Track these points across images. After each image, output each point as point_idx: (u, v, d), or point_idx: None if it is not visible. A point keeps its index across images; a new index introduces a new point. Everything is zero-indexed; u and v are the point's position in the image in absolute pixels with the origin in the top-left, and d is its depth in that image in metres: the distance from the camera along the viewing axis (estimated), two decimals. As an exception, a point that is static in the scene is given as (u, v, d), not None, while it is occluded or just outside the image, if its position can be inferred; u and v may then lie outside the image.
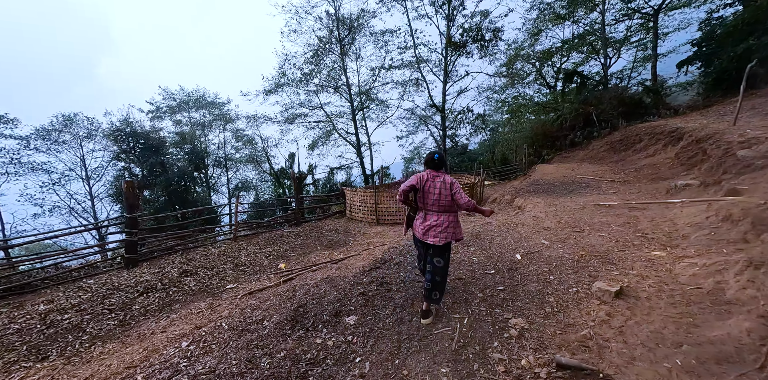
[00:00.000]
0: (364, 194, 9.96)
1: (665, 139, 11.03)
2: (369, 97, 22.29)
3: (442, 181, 2.65)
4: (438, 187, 2.64)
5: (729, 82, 16.04)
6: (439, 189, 2.64)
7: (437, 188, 2.64)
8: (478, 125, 21.95)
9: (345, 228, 9.36)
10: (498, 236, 4.99)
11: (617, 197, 6.93)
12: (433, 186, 2.66)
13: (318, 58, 19.20)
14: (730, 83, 16.00)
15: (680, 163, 8.52)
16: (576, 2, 18.85)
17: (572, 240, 4.42)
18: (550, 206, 6.73)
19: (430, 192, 2.66)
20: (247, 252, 7.03)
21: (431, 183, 2.66)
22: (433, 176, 2.68)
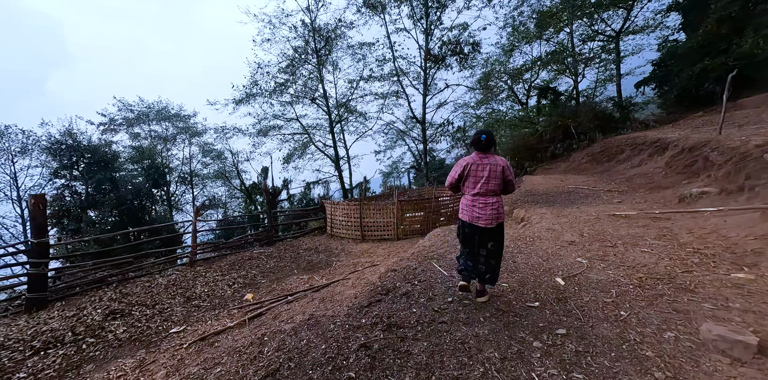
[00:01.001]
0: (347, 207, 8.88)
1: (649, 149, 11.07)
2: (347, 109, 21.63)
3: (492, 163, 2.53)
4: (487, 169, 2.53)
5: (690, 99, 17.01)
6: (488, 171, 2.53)
7: (486, 171, 2.53)
8: (459, 137, 21.77)
9: (326, 247, 8.15)
10: (519, 253, 4.10)
11: (628, 206, 6.38)
12: (482, 168, 2.55)
13: (293, 68, 18.39)
14: (690, 100, 16.96)
15: (675, 171, 8.30)
16: (544, 24, 19.72)
17: (613, 258, 3.60)
18: (559, 217, 6.02)
19: (478, 176, 2.56)
20: (206, 281, 5.63)
21: (479, 166, 2.56)
22: (481, 158, 2.57)
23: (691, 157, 8.10)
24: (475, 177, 2.58)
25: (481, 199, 2.58)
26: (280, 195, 20.14)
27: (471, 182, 2.61)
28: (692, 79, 16.91)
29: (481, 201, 2.58)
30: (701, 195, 5.71)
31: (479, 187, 2.56)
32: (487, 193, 2.56)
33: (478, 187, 2.57)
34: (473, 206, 2.61)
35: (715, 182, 5.99)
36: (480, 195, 2.58)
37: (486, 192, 2.56)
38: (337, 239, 8.99)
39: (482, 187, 2.55)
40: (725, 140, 7.39)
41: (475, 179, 2.58)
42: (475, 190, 2.59)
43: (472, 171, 2.59)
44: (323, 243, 8.48)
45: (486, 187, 2.55)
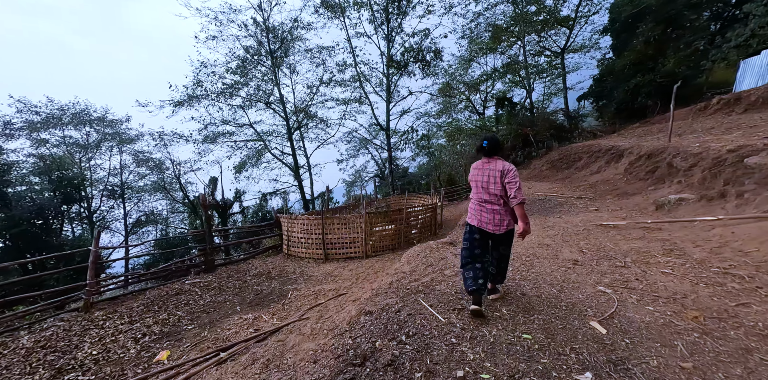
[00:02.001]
0: (307, 222, 7.59)
1: (605, 156, 11.41)
2: (307, 115, 20.28)
3: (493, 168, 2.45)
4: (487, 175, 2.47)
5: (627, 112, 18.48)
6: (488, 177, 2.47)
7: (486, 176, 2.48)
8: (423, 145, 21.47)
9: (281, 270, 6.76)
10: (523, 280, 3.27)
11: (609, 215, 6.02)
12: (483, 173, 2.50)
13: (245, 70, 16.70)
14: (628, 112, 18.42)
15: (637, 177, 8.38)
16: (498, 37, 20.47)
17: (638, 284, 2.91)
18: (545, 229, 5.42)
19: (479, 181, 2.54)
20: (101, 335, 4.01)
21: (481, 171, 2.53)
22: (483, 163, 2.53)
23: (652, 164, 8.25)
24: (477, 182, 2.56)
25: (488, 205, 2.52)
26: (231, 208, 17.94)
27: (475, 187, 2.61)
28: (628, 94, 18.41)
29: (487, 207, 2.52)
30: (680, 203, 5.50)
31: (482, 192, 2.53)
32: (491, 199, 2.49)
33: (481, 192, 2.54)
34: (481, 211, 2.56)
35: (689, 188, 5.87)
36: (486, 202, 2.53)
37: (490, 198, 2.49)
38: (295, 260, 7.62)
39: (485, 191, 2.52)
40: (682, 147, 7.57)
41: (477, 184, 2.56)
42: (480, 194, 2.56)
43: (475, 176, 2.57)
44: (278, 266, 7.07)
45: (487, 191, 2.49)
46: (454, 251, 4.78)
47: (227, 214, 17.26)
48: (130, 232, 17.87)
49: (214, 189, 18.11)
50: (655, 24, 18.19)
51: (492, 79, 22.40)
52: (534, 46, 22.16)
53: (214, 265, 6.71)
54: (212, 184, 18.23)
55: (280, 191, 20.42)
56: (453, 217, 11.46)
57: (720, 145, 6.34)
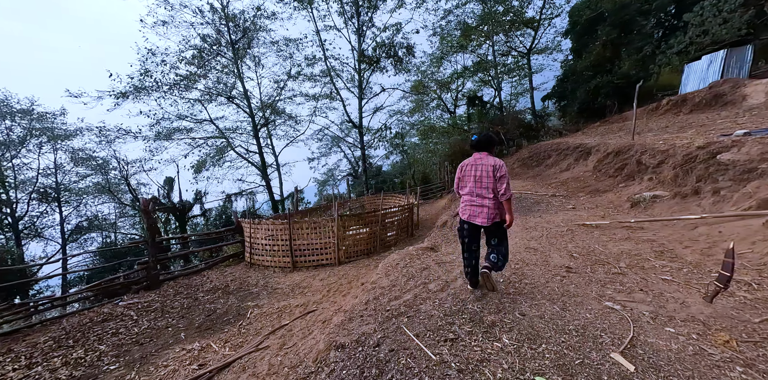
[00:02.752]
0: (272, 227, 6.78)
1: (573, 153, 11.64)
2: (274, 111, 19.01)
3: (485, 163, 2.55)
4: (480, 169, 2.56)
5: (588, 111, 19.29)
6: (480, 172, 2.56)
7: (479, 171, 2.57)
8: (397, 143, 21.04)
9: (241, 283, 5.93)
10: (519, 295, 2.84)
11: (587, 214, 5.87)
12: (476, 168, 2.59)
13: (203, 61, 15.16)
14: (589, 112, 19.23)
15: (606, 174, 8.49)
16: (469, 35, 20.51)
17: (645, 297, 2.58)
18: (528, 230, 5.12)
19: (471, 175, 2.61)
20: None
21: (473, 166, 2.61)
22: (476, 159, 2.62)
23: (620, 161, 8.39)
24: (469, 176, 2.63)
25: (477, 199, 2.60)
26: (191, 211, 16.33)
27: (467, 181, 2.67)
28: (588, 94, 19.21)
29: (477, 201, 2.60)
30: (655, 200, 5.45)
31: (474, 185, 2.61)
32: (483, 193, 2.56)
33: (472, 185, 2.61)
34: (471, 205, 2.65)
35: (662, 185, 5.88)
36: (478, 195, 2.59)
37: (482, 192, 2.56)
38: (258, 269, 6.78)
39: (477, 185, 2.59)
40: (648, 144, 7.73)
41: (469, 178, 2.63)
42: (471, 188, 2.63)
43: (467, 171, 2.65)
44: (238, 278, 6.21)
45: (480, 185, 2.57)
46: (437, 258, 4.30)
47: (186, 218, 15.67)
48: (68, 240, 15.64)
49: (170, 190, 16.35)
50: (611, 28, 19.09)
51: (463, 77, 22.47)
52: (502, 46, 22.52)
53: (158, 281, 5.69)
54: (168, 185, 16.45)
55: (247, 192, 19.02)
56: (429, 217, 11.12)
57: (685, 142, 6.46)
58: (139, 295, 5.29)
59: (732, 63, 13.61)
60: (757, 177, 3.99)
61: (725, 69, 13.60)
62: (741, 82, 11.68)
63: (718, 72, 13.75)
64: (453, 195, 12.48)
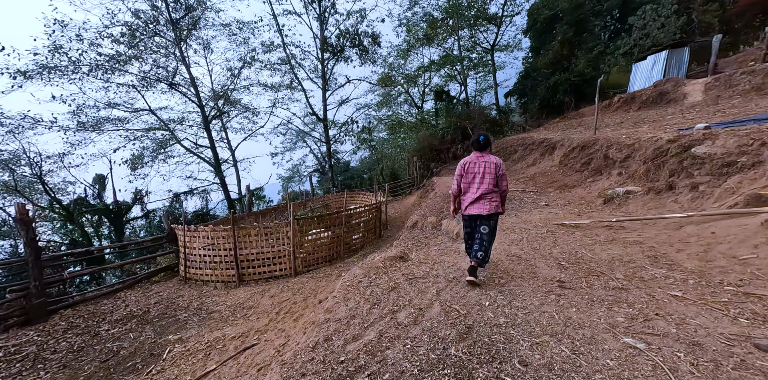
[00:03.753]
0: (213, 234, 5.64)
1: (539, 148, 11.61)
2: (228, 102, 17.12)
3: (487, 161, 2.80)
4: (483, 166, 2.80)
5: (549, 108, 19.79)
6: (483, 167, 2.79)
7: (482, 167, 2.80)
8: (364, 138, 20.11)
9: (167, 306, 4.77)
10: (511, 326, 2.19)
11: (563, 211, 5.52)
12: (478, 165, 2.81)
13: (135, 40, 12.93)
14: (549, 108, 19.73)
15: (573, 169, 8.38)
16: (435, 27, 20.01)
17: (666, 326, 2.06)
18: (506, 232, 4.60)
19: (476, 172, 2.81)
20: None
21: (476, 163, 2.83)
22: (478, 157, 2.84)
23: (586, 155, 8.30)
24: (472, 173, 2.84)
25: (478, 193, 2.80)
26: (128, 213, 14.18)
27: (469, 177, 2.86)
28: (548, 91, 19.67)
29: (477, 194, 2.80)
30: (628, 196, 5.21)
31: (477, 182, 2.81)
32: (486, 188, 2.78)
33: (476, 182, 2.81)
34: (470, 197, 2.85)
35: (632, 180, 5.69)
36: (476, 190, 2.81)
37: (485, 186, 2.78)
38: (195, 286, 5.63)
39: (479, 181, 2.80)
40: (613, 138, 7.67)
41: (472, 174, 2.83)
42: (474, 184, 2.83)
43: (470, 168, 2.86)
44: (165, 299, 5.04)
45: (482, 181, 2.79)
46: (408, 271, 3.59)
47: (123, 221, 13.54)
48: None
49: (101, 189, 14.00)
50: (568, 26, 19.59)
51: (429, 71, 22.01)
52: (467, 41, 22.36)
53: (45, 312, 4.31)
54: (99, 183, 14.07)
55: (199, 190, 17.04)
56: (398, 215, 10.48)
57: (650, 136, 6.37)
58: (8, 335, 3.94)
59: (673, 63, 14.37)
60: (737, 171, 3.76)
61: (667, 69, 14.33)
62: (681, 82, 12.33)
63: (661, 71, 14.46)
64: (422, 191, 11.96)
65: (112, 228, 13.41)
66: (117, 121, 14.11)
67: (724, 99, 9.83)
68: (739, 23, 16.71)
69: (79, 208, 12.76)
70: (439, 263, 3.93)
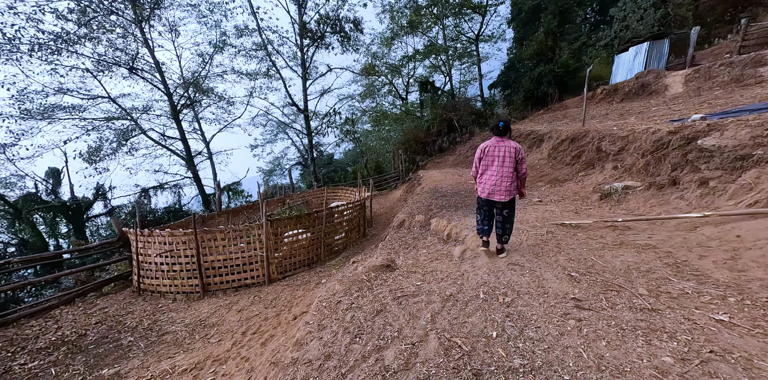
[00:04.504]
0: (171, 239, 4.85)
1: (526, 141, 11.26)
2: (200, 90, 15.73)
3: (507, 145, 2.89)
4: (503, 150, 2.89)
5: (533, 100, 19.54)
6: (504, 152, 2.88)
7: (502, 151, 2.89)
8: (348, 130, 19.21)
9: (111, 327, 4.00)
10: (531, 372, 1.67)
11: (561, 209, 5.10)
12: (498, 149, 2.90)
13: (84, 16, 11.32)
14: (533, 100, 19.48)
15: (562, 162, 8.05)
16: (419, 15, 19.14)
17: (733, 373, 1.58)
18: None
19: (496, 155, 2.91)
20: None
21: (496, 147, 2.91)
22: (498, 141, 2.93)
23: (576, 148, 7.97)
24: (492, 156, 2.93)
25: (497, 177, 2.90)
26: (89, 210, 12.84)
27: (489, 161, 2.95)
28: (533, 83, 19.38)
29: (496, 178, 2.90)
30: (627, 191, 4.85)
31: (496, 165, 2.91)
32: (506, 172, 2.88)
33: (495, 165, 2.92)
34: (491, 183, 2.94)
35: (629, 174, 5.34)
36: (495, 174, 2.91)
37: (501, 171, 2.89)
38: (151, 298, 4.85)
39: (499, 164, 2.90)
40: (605, 130, 7.35)
41: (492, 158, 2.93)
42: (493, 167, 2.93)
43: (490, 151, 2.95)
44: (111, 317, 4.25)
45: (502, 164, 2.89)
46: (397, 285, 3.03)
47: (83, 219, 12.23)
48: None
49: (56, 184, 12.53)
50: (552, 16, 19.21)
51: (414, 60, 21.19)
52: (452, 31, 21.64)
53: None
54: (53, 178, 12.57)
55: (171, 184, 15.74)
56: (384, 211, 9.91)
57: (645, 128, 6.05)
58: None
59: (653, 55, 14.27)
60: (753, 165, 3.40)
61: (648, 60, 14.22)
62: (662, 73, 12.23)
63: (642, 63, 14.35)
64: (408, 186, 11.43)
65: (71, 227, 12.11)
66: (71, 109, 12.55)
67: (704, 90, 9.73)
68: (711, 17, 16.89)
69: (29, 205, 11.36)
70: (430, 272, 3.40)
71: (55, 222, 11.98)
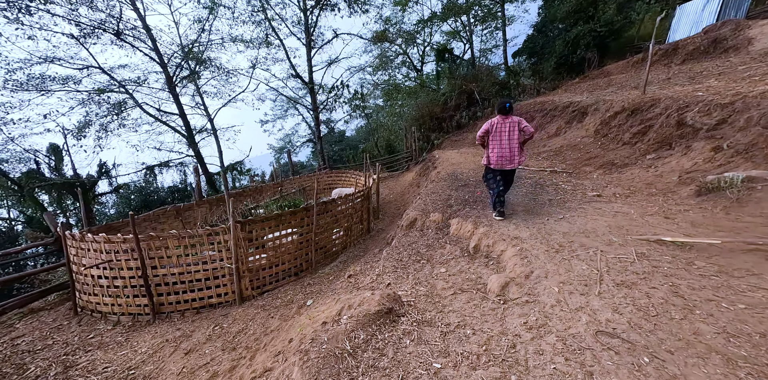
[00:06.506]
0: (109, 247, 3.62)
1: (562, 115, 9.20)
2: (197, 60, 14.03)
3: (511, 120, 3.35)
4: (509, 126, 3.34)
5: (566, 67, 16.63)
6: (509, 127, 3.34)
7: (507, 127, 3.34)
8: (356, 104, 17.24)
9: (3, 375, 2.93)
10: None
11: (635, 209, 3.48)
12: (504, 125, 3.36)
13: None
14: (566, 67, 16.58)
15: (619, 141, 6.17)
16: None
17: None
18: (563, 264, 2.60)
19: (503, 131, 3.37)
20: None
21: (502, 124, 3.37)
22: (503, 118, 3.37)
23: (639, 122, 6.03)
24: (500, 132, 3.38)
25: (506, 150, 3.38)
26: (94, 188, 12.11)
27: (497, 136, 3.39)
28: (567, 46, 16.38)
29: (505, 150, 3.38)
30: (752, 186, 3.15)
31: (506, 138, 3.35)
32: (512, 144, 3.36)
33: (503, 140, 3.36)
34: (500, 154, 3.41)
35: (744, 159, 3.57)
36: (505, 148, 3.37)
37: (510, 143, 3.36)
38: (88, 322, 3.72)
39: (508, 138, 3.35)
40: (687, 97, 5.37)
41: (500, 134, 3.38)
42: (501, 142, 3.38)
43: (498, 127, 3.39)
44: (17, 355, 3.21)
45: (510, 137, 3.34)
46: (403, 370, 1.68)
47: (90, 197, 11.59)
48: None
49: (59, 161, 11.77)
50: (597, -36, 15.58)
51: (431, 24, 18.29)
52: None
53: None
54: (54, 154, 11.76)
55: (175, 162, 14.78)
56: (394, 197, 8.46)
57: (763, 90, 4.10)
58: None
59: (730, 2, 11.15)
60: None
61: (723, 10, 11.16)
62: (744, 24, 9.39)
63: (715, 13, 11.31)
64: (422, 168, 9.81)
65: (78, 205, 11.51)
66: (63, 80, 11.32)
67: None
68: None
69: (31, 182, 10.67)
70: (456, 329, 2.02)
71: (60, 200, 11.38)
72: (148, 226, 5.62)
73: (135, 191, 13.52)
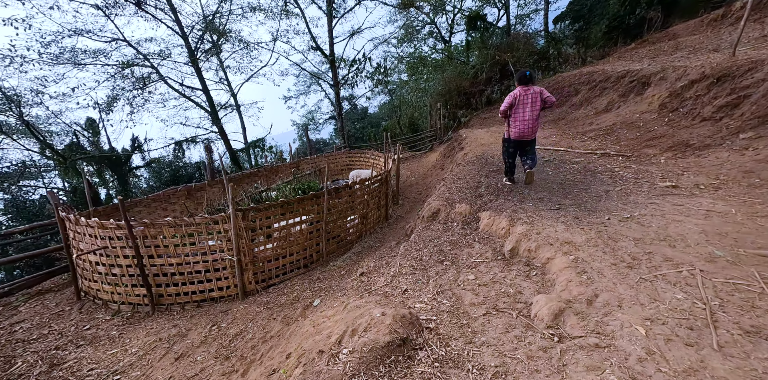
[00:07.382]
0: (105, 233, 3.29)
1: (615, 86, 7.67)
2: (217, 31, 13.30)
3: (533, 91, 3.28)
4: (530, 97, 3.28)
5: (619, 31, 14.07)
6: (531, 98, 3.28)
7: (530, 98, 3.28)
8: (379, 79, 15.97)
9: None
10: None
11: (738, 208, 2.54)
12: (527, 97, 3.29)
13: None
14: (620, 32, 14.02)
15: (696, 116, 4.88)
16: None
17: None
18: (631, 277, 1.82)
19: (526, 103, 3.30)
20: None
21: (524, 96, 3.30)
22: (525, 90, 3.30)
23: (727, 92, 4.69)
24: (523, 104, 3.31)
25: (528, 121, 3.35)
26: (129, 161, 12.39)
27: (520, 108, 3.34)
28: (624, 5, 13.72)
29: (528, 122, 3.36)
30: None
31: (528, 109, 3.31)
32: (533, 114, 3.34)
33: (526, 111, 3.32)
34: (523, 127, 3.39)
35: None
36: (527, 118, 3.34)
37: (532, 114, 3.33)
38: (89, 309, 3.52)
39: (530, 108, 3.31)
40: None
41: (523, 106, 3.31)
42: (524, 113, 3.33)
43: (521, 100, 3.32)
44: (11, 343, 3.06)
45: (533, 107, 3.31)
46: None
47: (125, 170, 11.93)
48: None
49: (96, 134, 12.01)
50: None
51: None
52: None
53: None
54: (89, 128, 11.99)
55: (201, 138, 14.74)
56: (415, 180, 7.71)
57: None
58: None
59: None
60: None
61: None
62: None
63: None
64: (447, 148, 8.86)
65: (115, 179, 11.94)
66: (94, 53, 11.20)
67: None
68: None
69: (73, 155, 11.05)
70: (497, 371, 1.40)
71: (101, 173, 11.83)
72: (158, 207, 5.42)
73: (165, 165, 13.77)
